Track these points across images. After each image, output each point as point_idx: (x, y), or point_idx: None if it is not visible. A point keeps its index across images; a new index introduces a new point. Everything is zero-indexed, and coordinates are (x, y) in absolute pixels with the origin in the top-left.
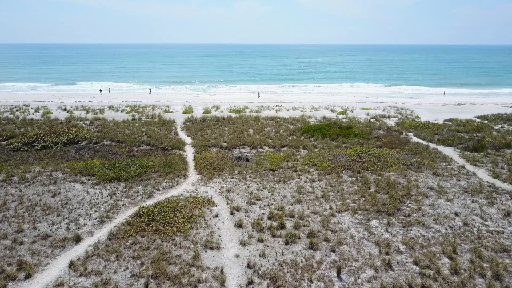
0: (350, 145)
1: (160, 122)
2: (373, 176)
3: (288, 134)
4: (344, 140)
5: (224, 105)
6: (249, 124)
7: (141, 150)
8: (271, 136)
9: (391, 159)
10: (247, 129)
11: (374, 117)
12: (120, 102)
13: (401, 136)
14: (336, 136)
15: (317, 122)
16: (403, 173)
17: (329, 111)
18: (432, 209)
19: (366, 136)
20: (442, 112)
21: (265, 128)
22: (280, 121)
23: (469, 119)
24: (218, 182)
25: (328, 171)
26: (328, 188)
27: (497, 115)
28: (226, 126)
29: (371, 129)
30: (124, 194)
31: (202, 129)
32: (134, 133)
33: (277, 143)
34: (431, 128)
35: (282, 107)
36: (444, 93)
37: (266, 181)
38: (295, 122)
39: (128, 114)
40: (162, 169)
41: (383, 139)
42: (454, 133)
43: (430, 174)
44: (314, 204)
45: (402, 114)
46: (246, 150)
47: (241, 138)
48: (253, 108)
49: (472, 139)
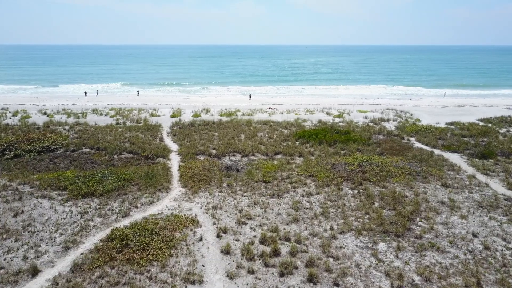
0: (349, 152)
1: (146, 127)
2: (376, 188)
3: (282, 139)
4: (343, 146)
5: (215, 107)
6: (241, 128)
7: (122, 158)
8: (264, 142)
9: (395, 169)
10: (238, 134)
11: (373, 120)
12: (105, 105)
13: (402, 141)
14: (334, 141)
15: (312, 126)
16: (409, 184)
17: (325, 114)
18: (446, 228)
19: (365, 141)
20: (442, 115)
21: (258, 133)
22: (273, 125)
23: (472, 122)
24: (204, 197)
25: (327, 182)
26: (328, 203)
27: (500, 118)
28: (216, 131)
29: (371, 134)
30: (96, 213)
31: (190, 135)
32: (116, 139)
33: (270, 149)
34: (434, 133)
35: (275, 110)
36: (444, 94)
37: (258, 195)
38: (289, 126)
39: (112, 118)
40: (143, 181)
41: (383, 145)
42: (459, 138)
43: (439, 186)
44: (313, 223)
45: (402, 117)
46: (236, 158)
47: (232, 144)
48: (245, 111)
49: (478, 144)
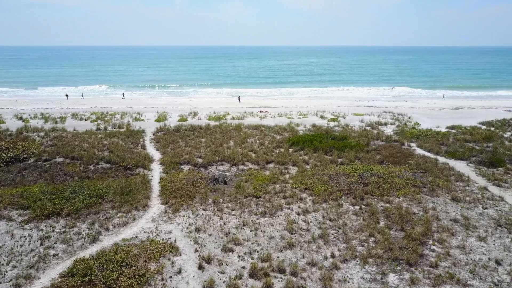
0: (347, 160)
1: (128, 133)
2: (380, 203)
3: (274, 146)
4: (340, 154)
5: (203, 111)
6: (230, 134)
7: (99, 169)
8: (255, 149)
9: (398, 180)
10: (227, 141)
11: (370, 124)
12: (87, 109)
13: (402, 147)
14: (330, 148)
15: (306, 130)
16: (416, 198)
17: (319, 118)
18: (463, 253)
19: (363, 148)
20: (441, 118)
21: (248, 139)
22: (265, 130)
23: (473, 126)
24: (186, 216)
25: (325, 197)
26: (327, 223)
27: (502, 121)
28: (203, 137)
29: (369, 139)
30: (60, 238)
31: (175, 141)
32: (94, 147)
33: (261, 158)
34: (435, 138)
35: (267, 113)
36: (443, 96)
37: (247, 214)
38: (282, 131)
39: (92, 123)
40: (118, 197)
41: (383, 152)
42: (462, 143)
43: (449, 200)
44: (311, 248)
45: (400, 120)
46: (225, 167)
47: (220, 152)
48: (235, 114)
49: (484, 150)
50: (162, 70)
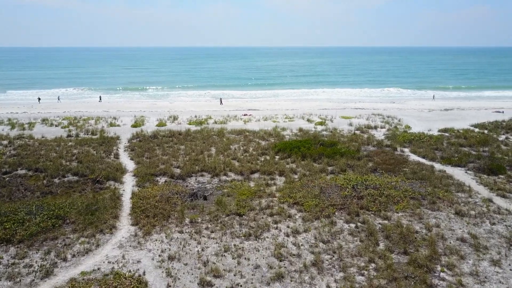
0: (337, 169)
1: (101, 140)
2: (377, 219)
3: (259, 153)
4: (329, 162)
5: (184, 114)
6: (212, 140)
7: (64, 183)
8: (238, 157)
9: (395, 192)
10: (208, 148)
11: (359, 128)
12: (60, 113)
13: (395, 153)
14: (319, 155)
15: (293, 135)
16: (416, 213)
17: (306, 121)
18: (478, 282)
19: (354, 154)
20: (432, 120)
21: (231, 145)
22: (249, 136)
23: (466, 129)
24: (159, 241)
25: (316, 213)
26: (320, 246)
27: (495, 123)
28: (182, 144)
29: (359, 145)
30: (7, 272)
31: (151, 149)
32: (61, 157)
33: (245, 167)
34: (428, 142)
35: (251, 117)
36: (433, 97)
37: (229, 236)
38: (267, 136)
39: (64, 129)
40: (81, 218)
41: (375, 158)
42: (457, 148)
43: (452, 214)
44: (303, 280)
45: (390, 123)
46: (205, 178)
47: (200, 161)
48: (218, 118)
49: (481, 156)
50: (143, 71)
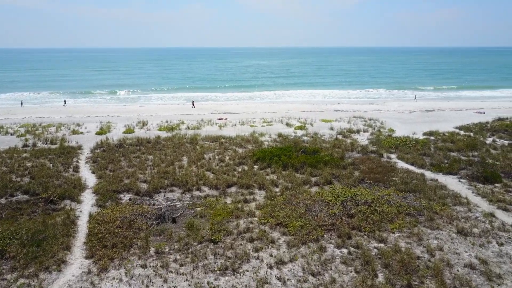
0: (322, 180)
1: (60, 150)
2: (372, 243)
3: (236, 163)
4: (313, 171)
5: (154, 119)
6: (184, 148)
7: (12, 204)
8: (213, 167)
9: (389, 208)
10: (179, 157)
11: (341, 132)
12: (19, 120)
13: (382, 159)
14: (301, 165)
15: (272, 141)
16: (414, 233)
17: (285, 126)
18: None
19: (339, 162)
20: (415, 122)
21: (205, 154)
22: (225, 142)
23: (451, 132)
24: (117, 279)
25: (302, 237)
26: (310, 281)
27: (479, 125)
28: (151, 154)
29: (343, 152)
30: None
31: (116, 160)
32: (12, 172)
33: (221, 180)
34: (415, 147)
35: (227, 121)
36: (415, 97)
37: (202, 271)
38: (244, 143)
39: (20, 138)
40: (25, 251)
41: (361, 166)
42: (445, 153)
43: (454, 233)
44: None
45: (372, 126)
46: (175, 194)
47: (170, 173)
48: (191, 123)
49: (472, 162)
50: (114, 73)
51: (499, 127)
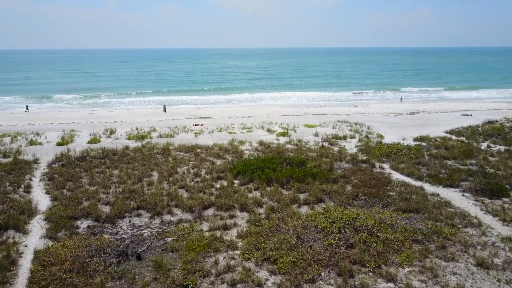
0: (312, 198)
1: (11, 165)
2: (380, 283)
3: (214, 177)
4: (301, 187)
5: (124, 126)
6: (154, 160)
7: None
8: (188, 184)
9: (392, 234)
10: (149, 172)
11: (326, 139)
12: None
13: (374, 170)
14: (287, 179)
15: (253, 150)
16: (427, 267)
17: (266, 132)
18: None
19: (328, 175)
20: (402, 126)
21: (179, 167)
22: (201, 153)
23: (443, 137)
24: None
25: (296, 277)
26: None
27: (470, 129)
28: (117, 168)
29: (331, 162)
30: None
31: (76, 177)
32: None
33: (196, 200)
34: (408, 155)
35: (203, 127)
36: (401, 99)
37: None
38: (223, 152)
39: None
40: None
41: (353, 179)
42: (441, 162)
43: (474, 266)
44: None
45: (359, 132)
46: (143, 219)
47: (137, 193)
48: (164, 130)
49: (471, 171)
50: (84, 76)
51: (491, 131)
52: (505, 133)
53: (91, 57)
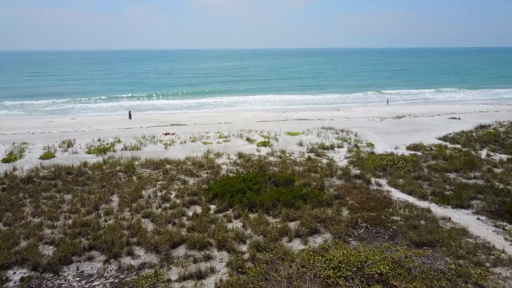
0: (304, 228)
1: None
2: None
3: (186, 202)
4: (290, 213)
5: (85, 137)
6: (116, 181)
7: None
8: (154, 211)
9: (412, 282)
10: (108, 196)
11: (312, 149)
12: None
13: (371, 187)
14: (273, 203)
15: (232, 164)
16: None
17: (245, 141)
18: None
19: (320, 197)
20: (391, 133)
21: (144, 189)
22: (171, 169)
23: (437, 144)
24: None
25: None
26: None
27: (465, 135)
28: (71, 192)
29: (321, 178)
30: None
31: (18, 206)
32: None
33: (164, 235)
34: (405, 167)
35: (174, 136)
36: (387, 102)
37: None
38: (197, 168)
39: None
40: None
41: (348, 200)
42: (443, 175)
43: None
44: None
45: (347, 140)
46: (95, 265)
47: (91, 226)
48: (129, 141)
49: (480, 187)
50: (48, 79)
51: (487, 137)
52: (502, 140)
53: (58, 59)
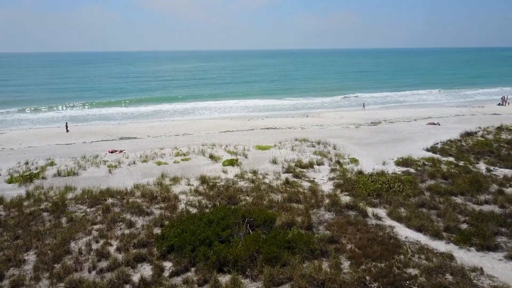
0: None
1: None
2: None
3: (131, 258)
4: (274, 274)
5: (10, 158)
6: (37, 226)
7: None
8: (84, 278)
9: None
10: (22, 254)
11: (289, 169)
12: None
13: (368, 222)
14: (251, 258)
15: (192, 194)
16: None
17: (208, 158)
18: None
19: (311, 241)
20: (372, 143)
21: (75, 238)
22: (114, 205)
23: (428, 158)
24: None
25: None
26: None
27: (455, 146)
28: None
29: (307, 212)
30: None
31: None
32: None
33: None
34: (403, 191)
35: (122, 155)
36: (363, 105)
37: None
38: (147, 202)
39: None
40: None
41: (345, 243)
42: (448, 199)
43: None
44: None
45: (326, 155)
46: None
47: None
48: (65, 162)
49: (500, 219)
50: None
51: (479, 147)
52: (496, 150)
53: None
